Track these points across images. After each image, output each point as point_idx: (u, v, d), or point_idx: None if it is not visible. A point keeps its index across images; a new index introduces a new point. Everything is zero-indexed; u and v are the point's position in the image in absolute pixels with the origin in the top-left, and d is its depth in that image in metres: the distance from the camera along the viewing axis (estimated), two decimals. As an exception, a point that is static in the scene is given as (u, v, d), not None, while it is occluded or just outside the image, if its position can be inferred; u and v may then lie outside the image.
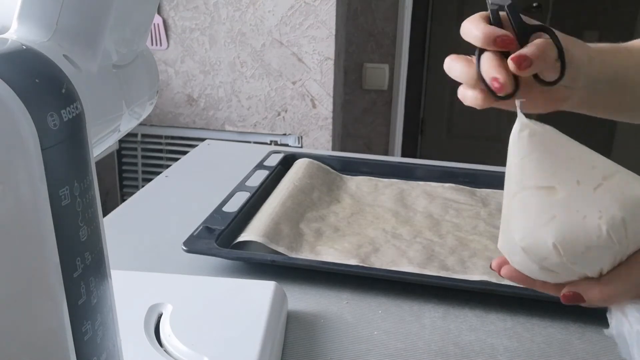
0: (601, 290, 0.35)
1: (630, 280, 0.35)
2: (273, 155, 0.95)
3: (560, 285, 0.37)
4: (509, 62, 0.39)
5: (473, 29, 0.41)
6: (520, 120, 0.39)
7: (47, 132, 0.25)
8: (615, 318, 0.36)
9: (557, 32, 0.43)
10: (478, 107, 0.42)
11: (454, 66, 0.43)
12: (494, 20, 0.42)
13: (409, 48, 2.28)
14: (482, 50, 0.41)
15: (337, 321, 0.56)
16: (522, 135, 0.38)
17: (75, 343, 0.28)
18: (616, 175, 0.36)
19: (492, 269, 0.40)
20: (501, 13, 0.43)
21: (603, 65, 0.47)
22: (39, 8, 0.29)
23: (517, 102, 0.40)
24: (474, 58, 0.42)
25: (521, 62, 0.38)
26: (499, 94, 0.39)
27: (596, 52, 0.47)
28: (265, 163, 0.91)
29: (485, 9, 0.43)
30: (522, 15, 0.42)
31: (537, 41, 0.40)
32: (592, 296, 0.36)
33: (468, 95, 0.42)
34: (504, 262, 0.39)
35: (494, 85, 0.39)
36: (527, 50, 0.39)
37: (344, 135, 2.33)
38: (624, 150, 2.85)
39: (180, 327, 0.48)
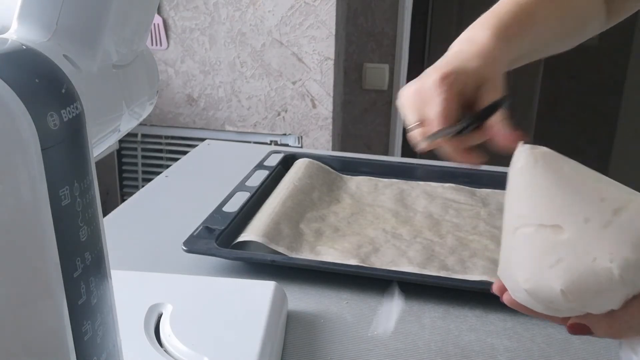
0: (609, 324, 0.34)
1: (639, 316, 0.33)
2: (273, 155, 0.95)
3: (566, 318, 0.36)
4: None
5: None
6: (520, 147, 0.36)
7: (47, 132, 0.25)
8: (625, 354, 0.34)
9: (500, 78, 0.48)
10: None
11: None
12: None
13: (409, 48, 2.28)
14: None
15: (337, 321, 0.56)
16: (522, 164, 0.36)
17: (75, 343, 0.28)
18: (628, 207, 0.32)
19: (493, 292, 0.39)
20: None
21: (514, 51, 0.51)
22: (39, 8, 0.29)
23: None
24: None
25: None
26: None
27: (505, 45, 0.50)
28: (265, 163, 0.91)
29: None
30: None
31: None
32: (600, 330, 0.34)
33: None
34: (505, 288, 0.38)
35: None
36: None
37: (344, 135, 2.33)
38: (625, 150, 2.84)
39: (180, 327, 0.48)
